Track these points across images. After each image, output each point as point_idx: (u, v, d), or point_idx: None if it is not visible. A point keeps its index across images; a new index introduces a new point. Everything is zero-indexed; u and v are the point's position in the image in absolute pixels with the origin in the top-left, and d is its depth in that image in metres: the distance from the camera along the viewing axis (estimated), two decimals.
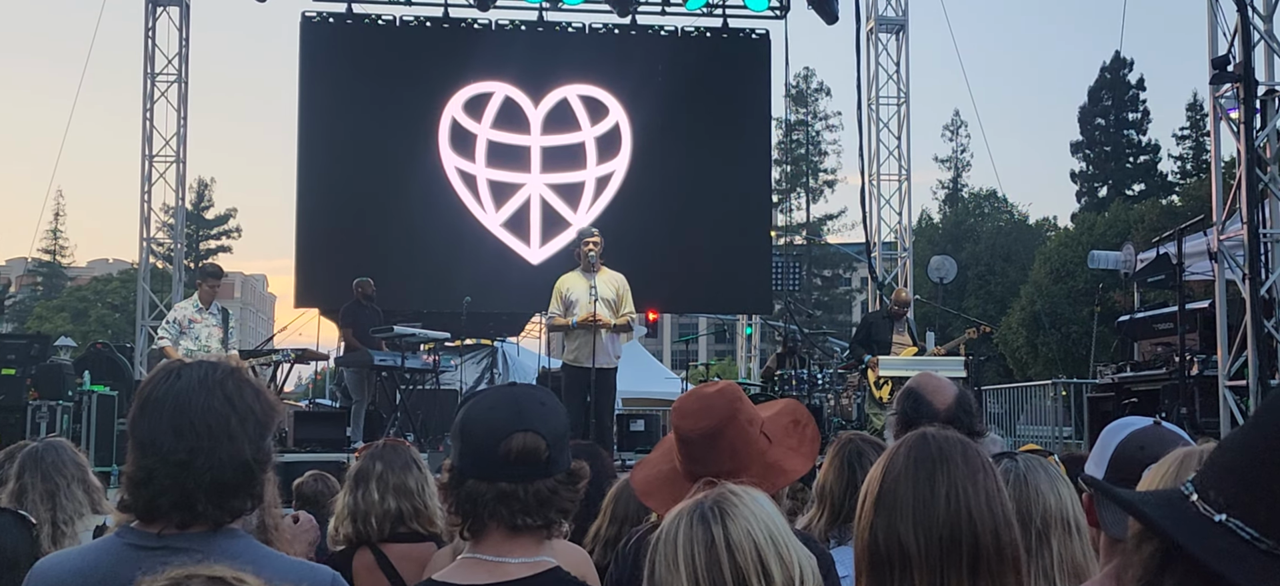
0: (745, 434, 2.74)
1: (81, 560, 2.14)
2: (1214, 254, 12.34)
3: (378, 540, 3.62)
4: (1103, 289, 21.10)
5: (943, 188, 54.19)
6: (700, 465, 2.68)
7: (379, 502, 3.64)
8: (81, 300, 55.59)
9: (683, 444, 2.77)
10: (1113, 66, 45.95)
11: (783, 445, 2.79)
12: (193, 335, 10.99)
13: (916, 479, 1.92)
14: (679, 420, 2.79)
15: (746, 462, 2.69)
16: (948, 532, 1.88)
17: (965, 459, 1.93)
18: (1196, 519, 1.20)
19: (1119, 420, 2.41)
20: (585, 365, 10.16)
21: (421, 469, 3.76)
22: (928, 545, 1.87)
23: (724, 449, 2.70)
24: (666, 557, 1.78)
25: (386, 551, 3.60)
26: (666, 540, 1.80)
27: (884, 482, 1.95)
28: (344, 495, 3.75)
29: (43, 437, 3.93)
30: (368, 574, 3.52)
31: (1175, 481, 1.74)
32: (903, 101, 18.05)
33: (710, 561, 1.74)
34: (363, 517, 3.64)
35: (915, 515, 1.89)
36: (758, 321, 23.99)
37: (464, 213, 16.33)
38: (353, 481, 3.73)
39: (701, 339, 50.09)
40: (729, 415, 2.73)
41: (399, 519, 3.64)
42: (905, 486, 1.92)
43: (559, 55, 16.81)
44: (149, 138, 17.49)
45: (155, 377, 2.14)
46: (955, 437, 1.99)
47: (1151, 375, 12.91)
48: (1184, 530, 1.20)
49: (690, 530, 1.78)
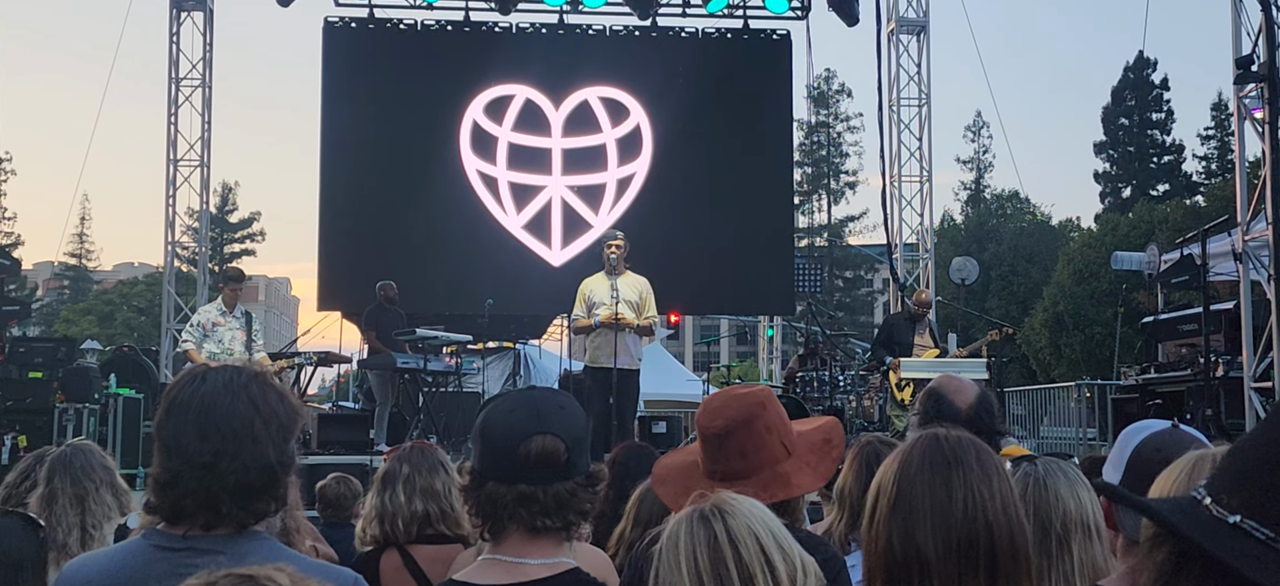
0: (759, 439, 2.75)
1: (109, 561, 2.17)
2: (1239, 254, 12.27)
3: (405, 541, 3.64)
4: (1126, 290, 20.92)
5: (965, 189, 54.14)
6: (710, 461, 2.75)
7: (406, 504, 3.65)
8: (107, 304, 55.95)
9: (702, 439, 2.82)
10: (1136, 66, 45.72)
11: (801, 459, 2.80)
12: (216, 338, 11.07)
13: (933, 482, 1.90)
14: (701, 415, 2.85)
15: (755, 467, 2.72)
16: (965, 536, 1.86)
17: (979, 461, 1.92)
18: (1211, 522, 1.21)
19: (1137, 423, 2.41)
20: (607, 366, 10.17)
21: (448, 471, 3.78)
22: (945, 550, 1.86)
23: (733, 449, 2.73)
24: (670, 560, 1.78)
25: (413, 553, 3.62)
26: (669, 542, 1.81)
27: (899, 485, 1.92)
28: (371, 496, 3.77)
29: (70, 441, 3.97)
30: (395, 575, 3.54)
31: (1188, 485, 1.75)
32: (924, 102, 18.00)
33: (714, 558, 1.75)
34: (390, 519, 3.66)
35: (933, 520, 1.87)
36: (779, 323, 23.98)
37: (485, 215, 16.38)
38: (380, 483, 3.75)
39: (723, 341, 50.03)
40: (744, 419, 2.75)
41: (426, 520, 3.66)
42: (922, 490, 1.90)
43: (580, 57, 16.84)
44: (173, 142, 17.61)
45: (181, 381, 2.17)
46: (968, 438, 1.98)
47: (1176, 376, 12.83)
48: (1200, 531, 1.22)
49: (691, 530, 1.79)
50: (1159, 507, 1.28)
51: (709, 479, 2.69)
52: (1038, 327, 34.41)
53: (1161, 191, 44.18)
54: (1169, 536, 1.27)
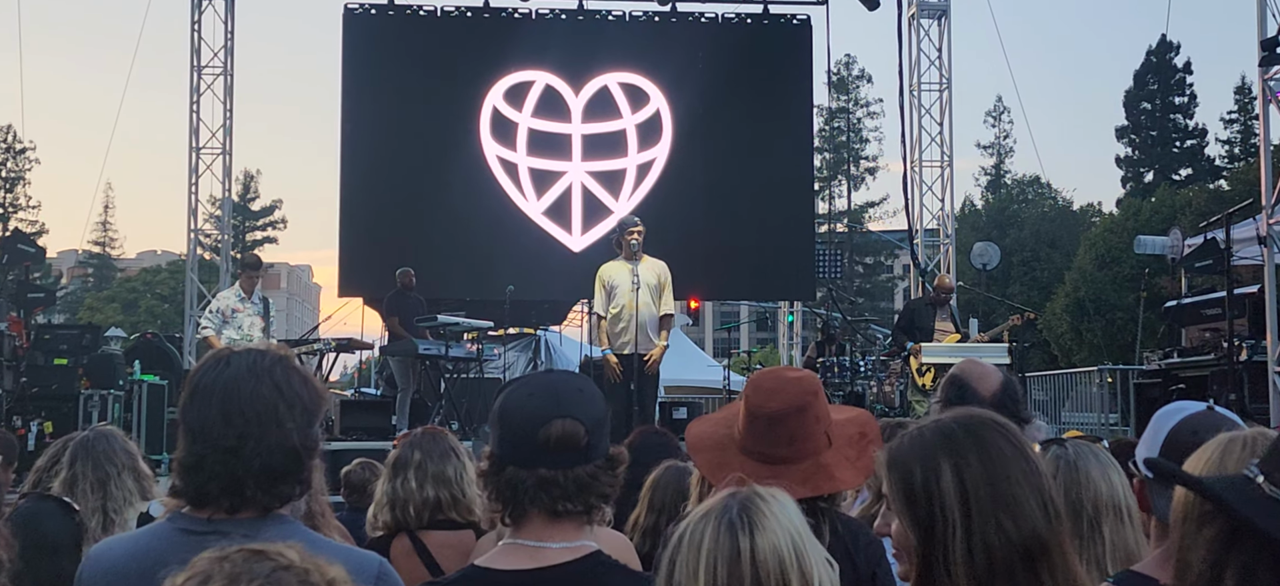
0: (809, 428, 2.73)
1: (134, 545, 2.18)
2: (1263, 238, 12.17)
3: (416, 528, 3.64)
4: (1149, 275, 20.84)
5: (985, 174, 53.87)
6: (760, 442, 2.71)
7: (417, 490, 3.65)
8: (131, 291, 56.32)
9: (749, 418, 2.77)
10: (1158, 50, 45.36)
11: (841, 452, 2.78)
12: (236, 324, 11.12)
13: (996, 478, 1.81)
14: (752, 394, 2.79)
15: (802, 455, 2.69)
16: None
17: (1013, 443, 1.89)
18: (1265, 500, 1.22)
19: (1171, 404, 2.38)
20: (628, 353, 10.18)
21: (460, 457, 3.77)
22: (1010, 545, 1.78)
23: (784, 435, 2.70)
24: (689, 562, 1.74)
25: (424, 539, 3.62)
26: (691, 542, 1.76)
27: (971, 485, 1.81)
28: (383, 482, 3.77)
29: (94, 426, 3.98)
30: (405, 560, 3.54)
31: (1219, 467, 1.74)
32: (945, 87, 17.92)
33: (732, 575, 1.71)
34: (401, 505, 3.66)
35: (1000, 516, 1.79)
36: (799, 309, 23.93)
37: (505, 201, 16.39)
38: (392, 469, 3.75)
39: (743, 327, 50.01)
40: (801, 405, 2.73)
41: (437, 507, 3.65)
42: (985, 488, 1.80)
43: (599, 43, 16.83)
44: (195, 130, 17.68)
45: (205, 365, 2.17)
46: (992, 418, 1.94)
47: (1199, 361, 12.75)
48: (1253, 509, 1.22)
49: (716, 537, 1.74)
50: (1213, 485, 1.28)
51: (746, 456, 2.66)
52: (1059, 313, 34.24)
53: (1184, 176, 43.86)
54: (1219, 514, 1.27)
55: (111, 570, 2.12)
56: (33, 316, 14.01)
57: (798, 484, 2.62)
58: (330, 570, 1.46)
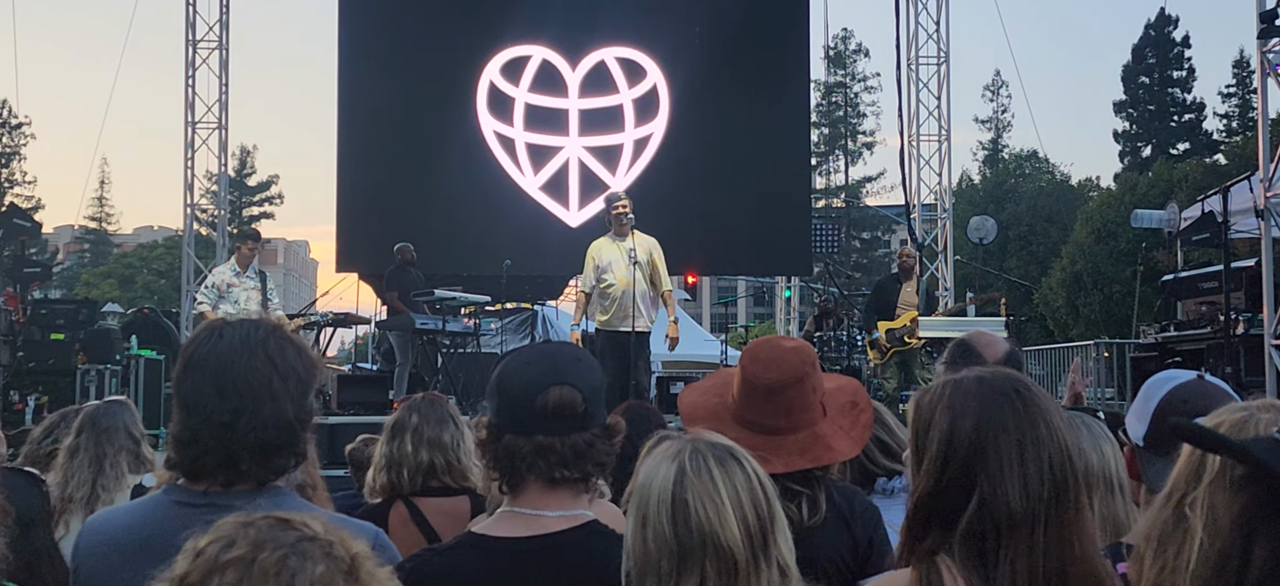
0: (806, 399, 2.71)
1: (130, 516, 2.19)
2: (1260, 211, 12.15)
3: (410, 493, 3.64)
4: (1145, 248, 20.80)
5: (983, 148, 53.77)
6: (756, 413, 2.69)
7: (412, 454, 3.65)
8: (127, 267, 56.22)
9: (746, 388, 2.74)
10: (1157, 23, 45.29)
11: (835, 422, 2.76)
12: (232, 298, 11.08)
13: (1021, 431, 1.81)
14: (748, 364, 2.76)
15: (799, 426, 2.67)
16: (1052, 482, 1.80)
17: (1040, 398, 1.88)
18: None
19: (1160, 373, 2.37)
20: (624, 330, 10.16)
21: (458, 424, 3.76)
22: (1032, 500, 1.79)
23: (779, 406, 2.68)
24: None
25: (420, 505, 3.63)
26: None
27: (980, 437, 1.80)
28: (381, 445, 3.77)
29: (108, 398, 3.98)
30: (402, 527, 3.54)
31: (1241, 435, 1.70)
32: (942, 62, 17.87)
33: (678, 496, 1.92)
34: (397, 468, 3.66)
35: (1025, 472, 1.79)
36: (797, 284, 23.93)
37: (503, 176, 16.37)
38: (390, 432, 3.75)
39: (740, 301, 50.00)
40: (798, 376, 2.70)
41: (431, 471, 3.64)
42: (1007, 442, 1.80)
43: (596, 17, 16.75)
44: (191, 105, 17.65)
45: (198, 337, 2.16)
46: (1013, 375, 1.92)
47: (1195, 334, 12.74)
48: None
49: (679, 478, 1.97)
50: (1255, 448, 1.26)
51: (740, 427, 2.64)
52: (1056, 287, 34.24)
53: (1182, 150, 43.83)
54: (1254, 480, 1.24)
55: (109, 541, 2.12)
56: (29, 291, 14.01)
57: (795, 455, 2.61)
58: (354, 545, 1.47)
